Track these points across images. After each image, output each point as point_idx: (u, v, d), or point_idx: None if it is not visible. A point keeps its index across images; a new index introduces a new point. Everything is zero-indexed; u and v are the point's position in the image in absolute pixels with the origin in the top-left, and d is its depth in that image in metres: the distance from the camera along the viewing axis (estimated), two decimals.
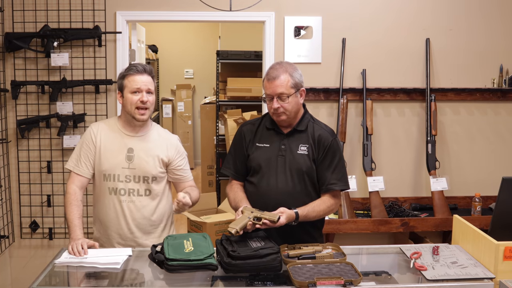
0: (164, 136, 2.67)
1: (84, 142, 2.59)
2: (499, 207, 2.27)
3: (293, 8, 3.76)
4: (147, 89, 2.51)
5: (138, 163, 2.55)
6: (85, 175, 2.57)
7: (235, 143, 2.60)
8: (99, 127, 2.61)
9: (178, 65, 8.65)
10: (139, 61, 4.44)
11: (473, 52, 3.90)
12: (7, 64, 3.66)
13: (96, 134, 2.58)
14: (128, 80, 2.51)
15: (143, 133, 2.60)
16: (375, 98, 3.84)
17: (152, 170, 2.57)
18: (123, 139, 2.58)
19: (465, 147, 3.97)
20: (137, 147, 2.57)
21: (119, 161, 2.55)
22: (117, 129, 2.60)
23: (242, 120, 5.63)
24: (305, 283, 1.98)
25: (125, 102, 2.53)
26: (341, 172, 2.49)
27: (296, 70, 2.46)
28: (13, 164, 3.73)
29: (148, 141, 2.60)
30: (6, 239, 3.68)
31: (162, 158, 2.60)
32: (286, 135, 2.49)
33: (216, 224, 4.24)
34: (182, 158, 2.69)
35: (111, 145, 2.56)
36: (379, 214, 3.65)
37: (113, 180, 2.54)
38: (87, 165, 2.57)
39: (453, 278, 2.08)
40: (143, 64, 2.57)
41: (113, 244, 2.59)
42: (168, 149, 2.63)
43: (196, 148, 8.43)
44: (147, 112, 2.53)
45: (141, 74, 2.51)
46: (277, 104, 2.38)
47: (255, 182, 2.48)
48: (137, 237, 2.58)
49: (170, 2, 3.70)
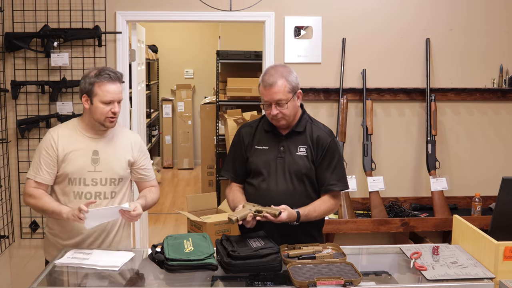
0: (127, 135, 2.66)
1: (43, 149, 2.52)
2: (499, 207, 2.28)
3: (293, 8, 3.76)
4: (118, 99, 2.49)
5: (105, 165, 2.53)
6: (46, 182, 2.51)
7: (233, 146, 2.60)
8: (59, 132, 2.55)
9: (178, 65, 8.65)
10: (139, 61, 4.43)
11: (473, 52, 3.90)
12: (7, 64, 3.66)
13: (57, 139, 2.51)
14: (100, 88, 2.45)
15: (107, 134, 2.58)
16: (375, 98, 3.84)
17: (119, 171, 2.56)
18: (87, 142, 2.54)
19: (465, 147, 3.97)
20: (102, 149, 2.54)
21: (85, 165, 2.51)
22: (79, 133, 2.55)
23: (242, 120, 5.63)
24: (305, 283, 1.98)
25: (94, 109, 2.47)
26: (340, 173, 2.49)
27: (292, 72, 2.42)
28: (13, 164, 3.74)
29: (113, 142, 2.58)
30: (6, 239, 3.68)
31: (128, 159, 2.59)
32: (284, 136, 2.48)
33: (216, 224, 4.23)
34: (145, 158, 2.67)
35: (75, 149, 2.51)
36: (379, 214, 3.65)
37: (79, 184, 2.51)
38: (48, 173, 2.50)
39: (453, 278, 2.08)
40: (115, 70, 2.52)
41: (73, 242, 2.55)
42: (133, 149, 2.61)
43: (196, 148, 8.44)
44: (116, 120, 2.52)
45: (113, 83, 2.47)
46: (276, 110, 2.37)
47: (255, 184, 2.48)
48: (95, 240, 2.56)
49: (170, 2, 3.70)
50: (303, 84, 3.76)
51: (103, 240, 2.59)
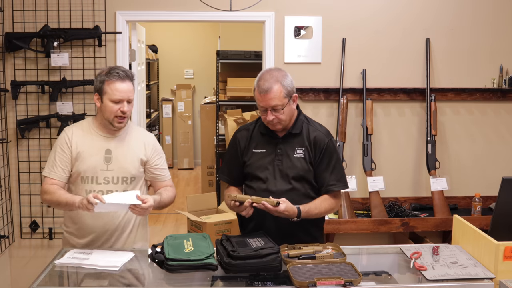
0: (141, 135, 2.66)
1: (58, 147, 2.55)
2: (499, 207, 2.28)
3: (293, 8, 3.76)
4: (128, 99, 2.48)
5: (117, 164, 2.54)
6: (61, 179, 2.53)
7: (230, 150, 2.61)
8: (73, 131, 2.57)
9: (178, 65, 8.64)
10: (139, 61, 4.43)
11: (473, 52, 3.90)
12: (7, 64, 3.66)
13: (71, 138, 2.54)
14: (109, 86, 2.46)
15: (120, 133, 2.58)
16: (375, 98, 3.84)
17: (132, 170, 2.56)
18: (100, 141, 2.55)
19: (465, 147, 3.97)
20: (115, 148, 2.55)
21: (97, 163, 2.52)
22: (93, 131, 2.57)
23: (242, 120, 5.63)
24: (305, 283, 1.98)
25: (104, 108, 2.49)
26: (339, 173, 2.49)
27: (287, 76, 2.41)
28: (13, 164, 3.74)
29: (126, 141, 2.58)
30: (6, 239, 3.68)
31: (141, 158, 2.59)
32: (281, 139, 2.48)
33: (216, 224, 4.24)
34: (159, 157, 2.67)
35: (88, 147, 2.53)
36: (379, 214, 3.65)
37: (91, 183, 2.52)
38: (63, 170, 2.52)
39: (453, 278, 2.08)
40: (125, 69, 2.52)
41: (87, 240, 2.58)
42: (146, 148, 2.62)
43: (196, 148, 8.43)
44: (126, 120, 2.52)
45: (123, 81, 2.46)
46: (272, 116, 2.36)
47: (255, 187, 2.48)
48: (108, 238, 2.58)
49: (170, 2, 3.70)
50: (303, 84, 3.78)
51: (116, 239, 2.59)
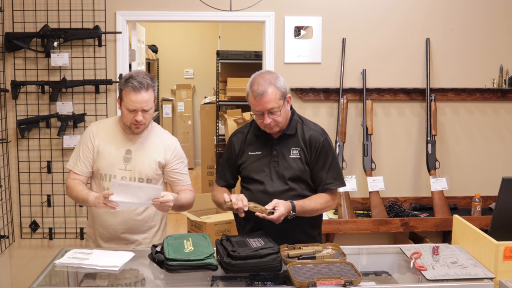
0: (163, 138, 2.67)
1: (83, 141, 2.60)
2: (499, 207, 2.27)
3: (293, 8, 3.76)
4: (142, 109, 2.46)
5: (135, 165, 2.56)
6: (84, 174, 2.59)
7: (225, 154, 2.61)
8: (98, 127, 2.62)
9: (178, 65, 8.65)
10: (139, 61, 4.43)
11: (473, 52, 3.90)
12: (7, 64, 3.66)
13: (95, 134, 2.59)
14: (125, 95, 2.45)
15: (143, 135, 2.60)
16: (375, 98, 3.84)
17: (148, 172, 2.57)
18: (122, 140, 2.58)
19: (465, 147, 3.97)
20: (135, 149, 2.57)
21: (116, 162, 2.55)
22: (117, 130, 2.60)
23: (242, 120, 5.63)
24: (305, 283, 1.98)
25: (122, 113, 2.52)
26: (336, 171, 2.49)
27: (279, 78, 2.41)
28: (13, 164, 3.73)
29: (147, 143, 2.60)
30: (6, 239, 3.68)
31: (159, 161, 2.60)
32: (276, 140, 2.47)
33: (216, 224, 4.24)
34: (179, 162, 2.67)
35: (110, 145, 2.57)
36: (379, 214, 3.65)
37: (109, 180, 2.54)
38: (86, 164, 2.58)
39: (453, 278, 2.08)
40: (142, 78, 2.45)
41: (100, 240, 2.61)
42: (165, 152, 2.62)
43: (196, 148, 8.43)
44: (143, 126, 2.53)
45: (137, 93, 2.42)
46: (269, 119, 2.36)
47: (252, 189, 2.48)
48: (125, 236, 2.60)
49: (170, 2, 3.70)
50: (303, 84, 3.78)
51: (139, 244, 2.62)
